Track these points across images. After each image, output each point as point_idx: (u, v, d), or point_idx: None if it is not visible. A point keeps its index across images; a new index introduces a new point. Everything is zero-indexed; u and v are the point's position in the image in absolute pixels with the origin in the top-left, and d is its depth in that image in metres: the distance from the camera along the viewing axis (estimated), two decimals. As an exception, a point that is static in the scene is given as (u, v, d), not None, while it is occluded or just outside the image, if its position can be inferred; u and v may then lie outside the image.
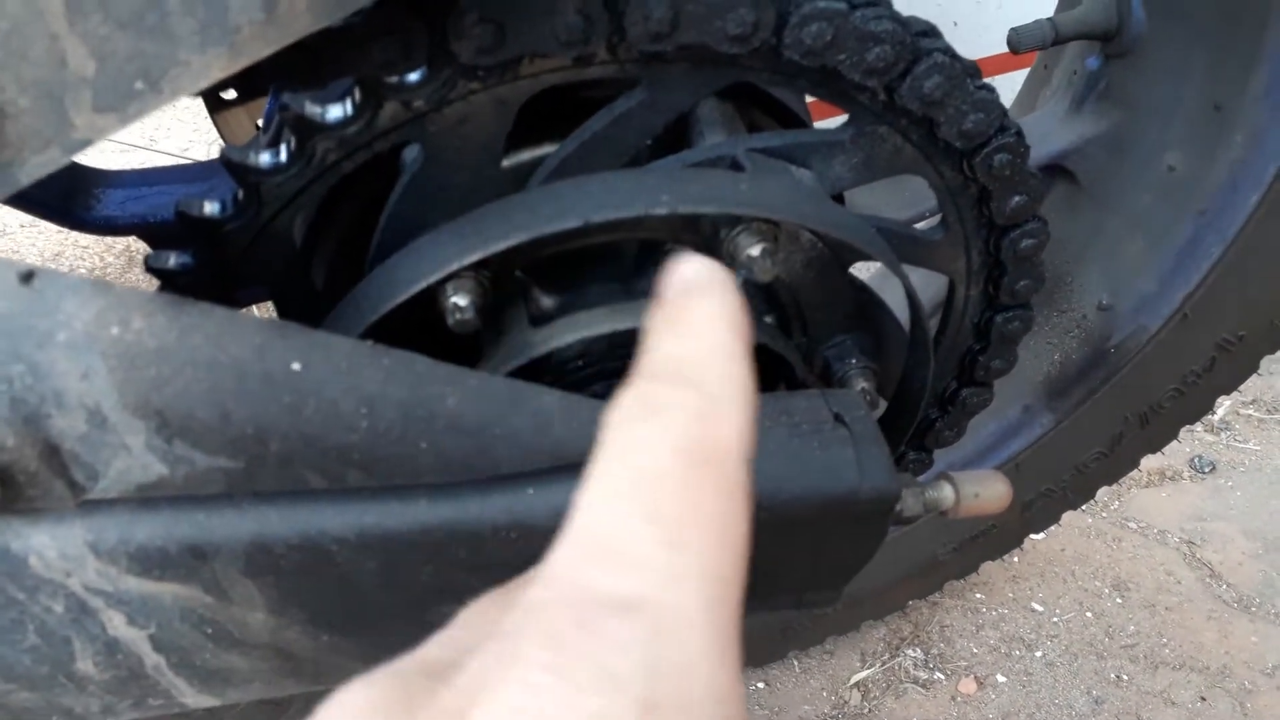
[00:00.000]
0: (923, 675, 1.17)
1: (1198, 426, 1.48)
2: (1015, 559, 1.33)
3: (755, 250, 0.47)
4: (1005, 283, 0.58)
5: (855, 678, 1.16)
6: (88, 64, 0.32)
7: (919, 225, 0.72)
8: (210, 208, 0.44)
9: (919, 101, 0.47)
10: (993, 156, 0.50)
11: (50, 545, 0.38)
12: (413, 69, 0.41)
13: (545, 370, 0.51)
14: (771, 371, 0.55)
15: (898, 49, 0.45)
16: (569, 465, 0.42)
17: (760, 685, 1.14)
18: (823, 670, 1.17)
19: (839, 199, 0.56)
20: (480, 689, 0.25)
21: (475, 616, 0.33)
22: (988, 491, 0.57)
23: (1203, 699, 1.14)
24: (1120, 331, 0.85)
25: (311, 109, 0.41)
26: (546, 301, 0.52)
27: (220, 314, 0.38)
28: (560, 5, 0.40)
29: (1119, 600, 1.27)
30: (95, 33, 0.32)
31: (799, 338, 0.57)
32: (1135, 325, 0.84)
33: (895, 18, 0.45)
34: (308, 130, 0.41)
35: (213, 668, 0.45)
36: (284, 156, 0.42)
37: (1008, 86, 0.93)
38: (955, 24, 1.81)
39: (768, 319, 0.56)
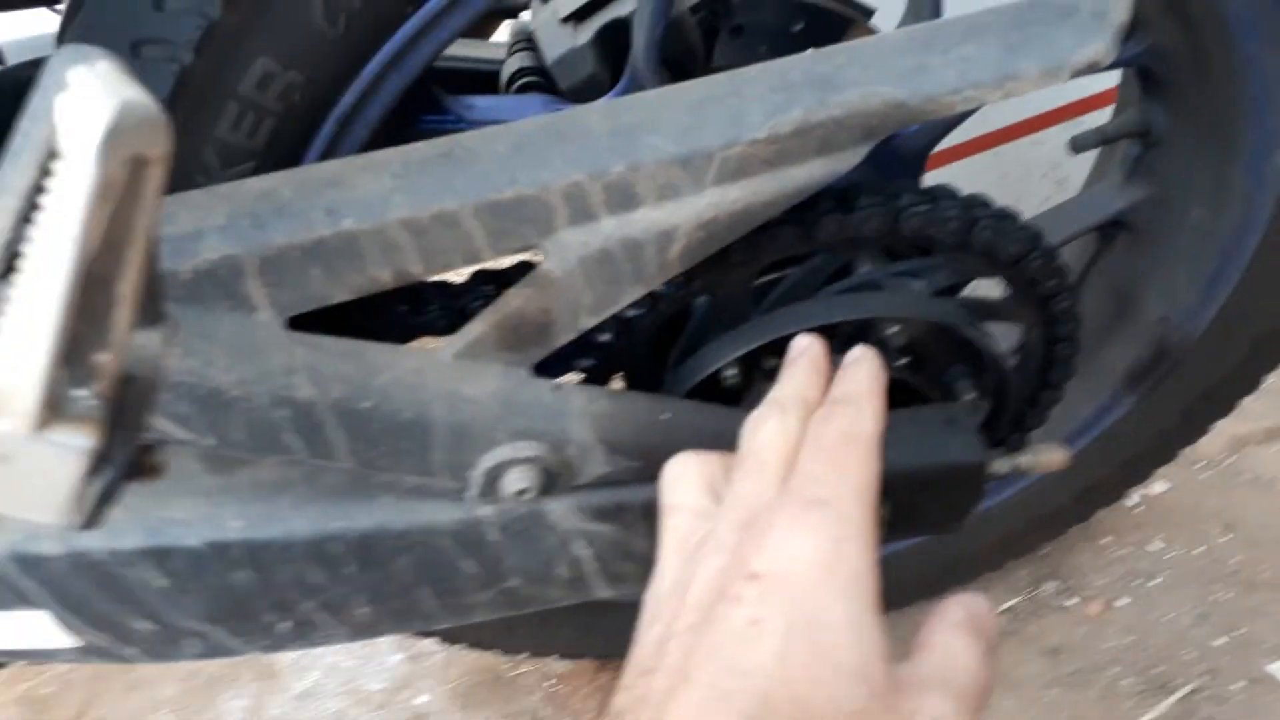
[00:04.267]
0: (1058, 602, 1.50)
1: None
2: (1141, 509, 1.63)
3: (892, 332, 0.86)
4: (1057, 327, 0.94)
5: (1002, 605, 1.50)
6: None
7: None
8: (606, 339, 0.86)
9: (981, 242, 0.84)
10: (1031, 264, 0.86)
11: (558, 507, 0.81)
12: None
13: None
14: (909, 394, 0.93)
15: (964, 220, 0.82)
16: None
17: (927, 607, 1.50)
18: (978, 600, 1.51)
19: (954, 288, 0.93)
20: (765, 531, 0.48)
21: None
22: (1050, 456, 0.92)
23: (1292, 611, 1.42)
24: (1178, 336, 1.17)
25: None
26: (771, 364, 0.92)
27: (636, 396, 0.79)
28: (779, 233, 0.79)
29: (1226, 538, 1.56)
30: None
31: (928, 370, 0.94)
32: (1188, 330, 1.16)
33: (960, 201, 0.82)
34: (655, 298, 0.83)
35: (619, 574, 0.87)
36: (643, 309, 0.84)
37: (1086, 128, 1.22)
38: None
39: (902, 362, 0.93)
